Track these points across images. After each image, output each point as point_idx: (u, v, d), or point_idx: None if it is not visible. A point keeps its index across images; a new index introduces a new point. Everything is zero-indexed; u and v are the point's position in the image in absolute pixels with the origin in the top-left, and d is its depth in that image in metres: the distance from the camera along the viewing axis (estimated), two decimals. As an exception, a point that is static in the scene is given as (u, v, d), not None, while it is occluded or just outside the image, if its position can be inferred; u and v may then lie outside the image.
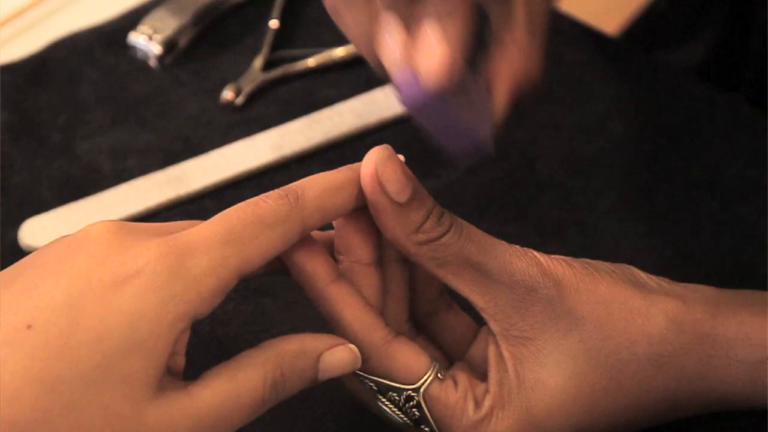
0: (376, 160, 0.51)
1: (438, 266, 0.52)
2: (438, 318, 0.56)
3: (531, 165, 0.72)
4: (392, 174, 0.51)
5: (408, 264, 0.54)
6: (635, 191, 0.71)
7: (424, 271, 0.54)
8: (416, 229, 0.52)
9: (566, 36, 0.79)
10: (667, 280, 0.55)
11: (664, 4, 0.97)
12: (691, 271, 0.65)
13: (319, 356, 0.50)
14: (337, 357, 0.51)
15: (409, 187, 0.51)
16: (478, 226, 0.68)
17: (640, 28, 0.97)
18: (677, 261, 0.67)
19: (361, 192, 0.52)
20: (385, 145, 0.52)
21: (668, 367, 0.53)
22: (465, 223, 0.53)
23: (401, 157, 0.53)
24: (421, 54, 0.51)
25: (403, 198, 0.51)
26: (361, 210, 0.52)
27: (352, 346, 0.51)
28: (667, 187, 0.70)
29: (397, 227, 0.52)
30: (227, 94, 0.76)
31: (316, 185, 0.50)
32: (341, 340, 0.51)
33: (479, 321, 0.56)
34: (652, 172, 0.71)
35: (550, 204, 0.70)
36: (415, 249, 0.52)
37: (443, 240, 0.52)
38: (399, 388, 0.53)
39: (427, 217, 0.52)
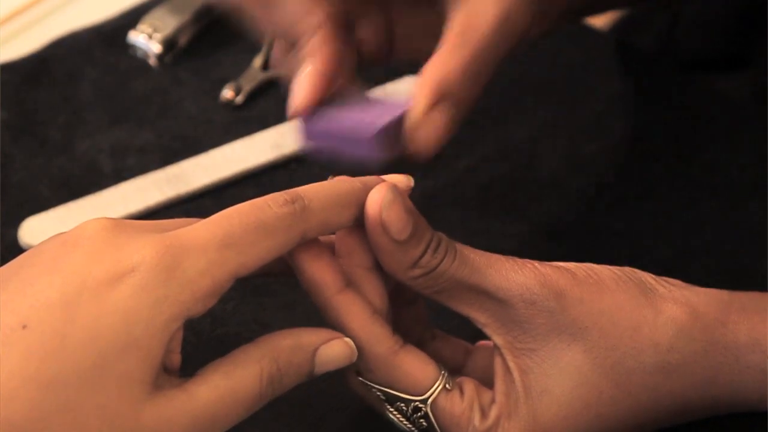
0: (381, 203, 0.51)
1: (434, 293, 0.53)
2: (424, 348, 0.55)
3: (531, 164, 0.72)
4: (395, 216, 0.51)
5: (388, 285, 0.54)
6: (635, 191, 0.71)
7: (403, 307, 0.55)
8: (413, 264, 0.52)
9: (564, 34, 0.79)
10: (677, 282, 0.55)
11: None
12: (692, 271, 0.65)
13: (315, 350, 0.50)
14: (334, 351, 0.51)
15: (410, 225, 0.51)
16: (478, 226, 0.69)
17: (630, 18, 0.96)
18: (677, 261, 0.67)
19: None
20: (390, 186, 0.51)
21: (676, 375, 0.53)
22: (458, 246, 0.53)
23: (408, 183, 0.53)
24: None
25: (403, 237, 0.51)
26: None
27: (348, 339, 0.51)
28: (667, 187, 0.70)
29: (394, 264, 0.52)
30: (227, 92, 0.76)
31: (323, 197, 0.50)
32: (337, 334, 0.51)
33: (472, 339, 0.56)
34: (652, 172, 0.71)
35: (550, 203, 0.70)
36: (411, 282, 0.52)
37: (437, 270, 0.52)
38: (406, 398, 0.53)
39: (425, 252, 0.52)
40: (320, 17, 0.58)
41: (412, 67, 0.62)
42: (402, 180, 0.53)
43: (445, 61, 0.57)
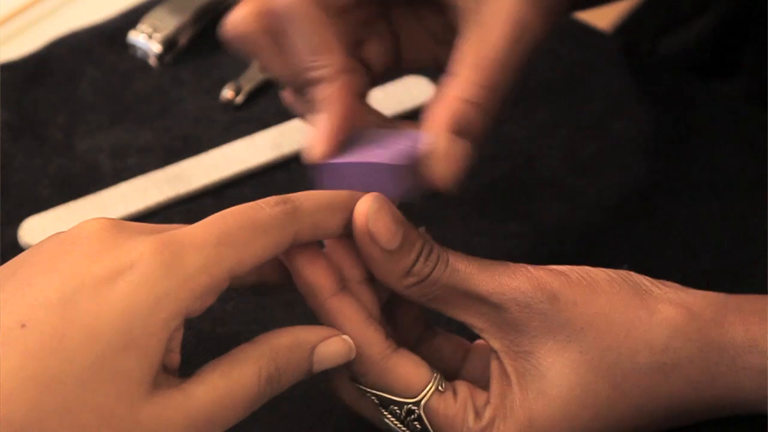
0: (366, 213, 0.51)
1: (429, 301, 0.53)
2: (423, 346, 0.56)
3: (531, 164, 0.72)
4: (382, 226, 0.51)
5: (384, 292, 0.54)
6: (635, 191, 0.71)
7: (402, 306, 0.55)
8: (406, 273, 0.52)
9: (565, 35, 0.79)
10: (673, 285, 0.55)
11: None
12: (691, 271, 0.65)
13: (313, 348, 0.50)
14: (331, 349, 0.51)
15: (399, 235, 0.51)
16: (479, 226, 0.69)
17: (634, 18, 0.97)
18: (677, 261, 0.67)
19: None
20: (376, 196, 0.52)
21: (673, 376, 0.53)
22: (450, 253, 0.53)
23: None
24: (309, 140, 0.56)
25: (392, 246, 0.51)
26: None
27: (345, 337, 0.51)
28: (667, 187, 0.70)
29: (386, 273, 0.52)
30: (227, 92, 0.76)
31: (314, 200, 0.51)
32: (334, 332, 0.51)
33: (471, 338, 0.56)
34: (652, 172, 0.71)
35: (550, 203, 0.70)
36: (405, 291, 0.53)
37: (430, 278, 0.52)
38: (399, 401, 0.53)
39: (416, 260, 0.52)
40: (336, 67, 0.56)
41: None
42: None
43: (461, 93, 0.56)
